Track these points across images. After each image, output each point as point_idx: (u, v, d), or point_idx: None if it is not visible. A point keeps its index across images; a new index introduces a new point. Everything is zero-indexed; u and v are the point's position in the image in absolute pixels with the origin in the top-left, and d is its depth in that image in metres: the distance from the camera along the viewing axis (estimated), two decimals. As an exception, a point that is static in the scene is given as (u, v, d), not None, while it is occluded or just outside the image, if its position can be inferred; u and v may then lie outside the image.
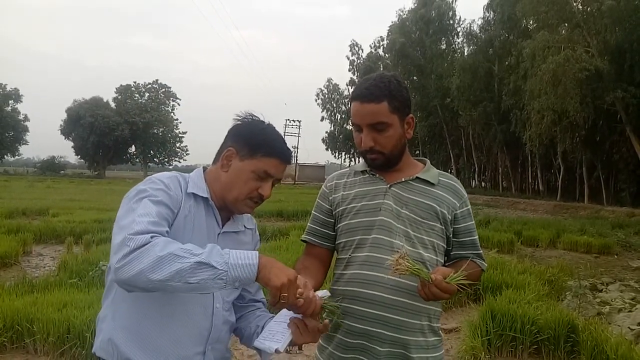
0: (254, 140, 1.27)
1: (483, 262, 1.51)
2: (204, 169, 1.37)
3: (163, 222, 1.13)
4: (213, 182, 1.31)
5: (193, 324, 1.24)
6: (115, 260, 1.02)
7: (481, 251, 1.52)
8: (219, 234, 1.30)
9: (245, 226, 1.42)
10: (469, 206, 1.51)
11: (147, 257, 0.99)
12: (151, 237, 1.03)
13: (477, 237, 1.52)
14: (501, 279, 5.48)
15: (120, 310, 1.21)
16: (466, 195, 1.51)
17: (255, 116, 1.33)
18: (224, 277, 1.03)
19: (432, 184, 1.46)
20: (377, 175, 1.49)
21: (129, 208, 1.13)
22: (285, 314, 1.25)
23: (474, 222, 1.52)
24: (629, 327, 4.44)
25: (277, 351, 1.17)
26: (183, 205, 1.22)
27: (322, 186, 1.62)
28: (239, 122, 1.33)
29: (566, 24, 21.96)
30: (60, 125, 56.42)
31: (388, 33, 45.00)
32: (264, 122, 1.33)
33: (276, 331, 1.23)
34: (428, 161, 1.55)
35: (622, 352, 3.40)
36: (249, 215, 1.45)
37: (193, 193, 1.27)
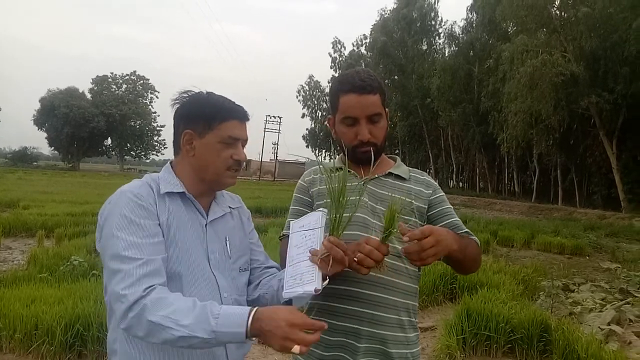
0: (204, 113, 1.23)
1: (475, 238, 1.46)
2: (172, 163, 1.32)
3: (154, 253, 1.10)
4: (184, 173, 1.27)
5: None
6: (119, 319, 1.06)
7: (467, 230, 1.46)
8: (205, 225, 1.27)
9: (230, 207, 1.39)
10: (443, 194, 1.51)
11: (140, 325, 1.03)
12: (143, 291, 1.04)
13: (457, 219, 1.47)
14: (477, 278, 5.56)
15: None
16: (437, 184, 1.52)
17: (190, 91, 1.29)
18: (212, 342, 1.04)
19: (404, 179, 1.48)
20: (351, 171, 1.48)
21: (114, 245, 1.09)
22: (296, 252, 1.19)
23: (451, 207, 1.50)
24: (599, 327, 4.54)
25: (316, 291, 1.09)
26: (159, 210, 1.18)
27: (300, 180, 1.61)
28: (179, 104, 1.28)
29: (544, 29, 22.42)
30: (34, 115, 54.91)
31: (371, 31, 45.15)
32: (202, 91, 1.29)
33: (300, 273, 1.14)
34: (398, 158, 1.57)
35: (592, 351, 3.49)
36: (231, 194, 1.42)
37: (167, 192, 1.22)
